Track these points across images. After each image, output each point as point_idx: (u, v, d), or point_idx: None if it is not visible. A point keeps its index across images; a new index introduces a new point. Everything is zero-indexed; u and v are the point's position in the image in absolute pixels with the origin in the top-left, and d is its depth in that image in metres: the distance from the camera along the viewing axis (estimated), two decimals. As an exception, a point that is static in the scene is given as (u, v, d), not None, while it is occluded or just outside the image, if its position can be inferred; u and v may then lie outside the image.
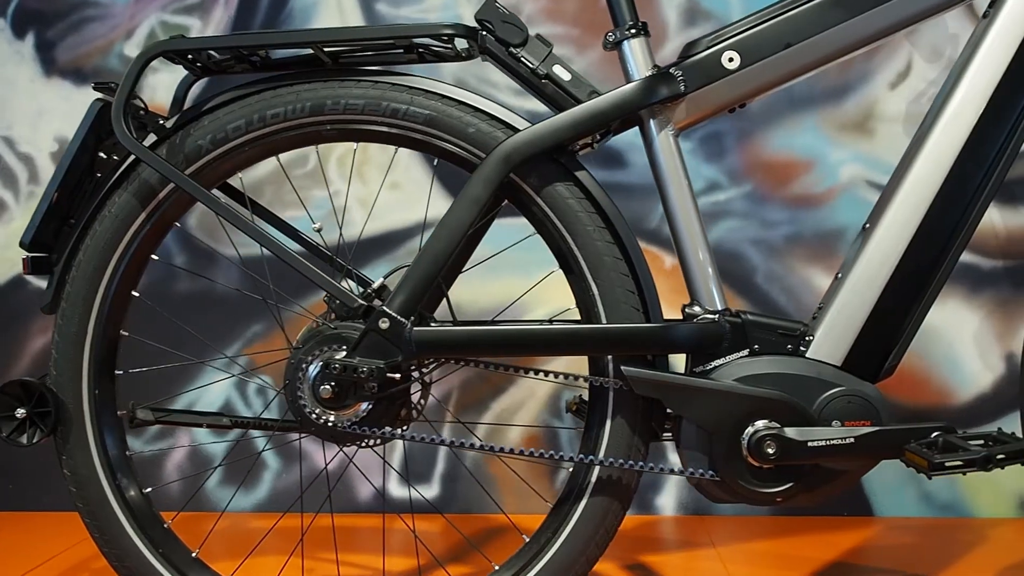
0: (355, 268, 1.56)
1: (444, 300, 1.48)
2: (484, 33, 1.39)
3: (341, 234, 1.87)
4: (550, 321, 1.46)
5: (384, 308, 1.35)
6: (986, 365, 2.25)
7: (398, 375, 1.35)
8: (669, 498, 2.33)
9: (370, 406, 1.37)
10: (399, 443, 1.87)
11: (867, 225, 1.39)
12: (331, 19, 2.29)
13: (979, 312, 2.23)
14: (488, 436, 2.30)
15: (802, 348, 1.37)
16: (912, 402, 2.26)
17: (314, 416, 1.37)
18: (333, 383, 1.34)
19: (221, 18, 2.30)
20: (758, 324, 1.38)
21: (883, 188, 1.42)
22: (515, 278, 2.29)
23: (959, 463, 1.23)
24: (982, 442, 1.27)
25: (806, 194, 2.26)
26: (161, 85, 2.30)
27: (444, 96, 1.39)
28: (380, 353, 1.32)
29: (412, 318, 1.36)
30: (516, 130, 1.33)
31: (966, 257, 2.11)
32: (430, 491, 2.33)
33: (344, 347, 1.32)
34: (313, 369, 1.32)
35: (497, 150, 1.31)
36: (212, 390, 2.30)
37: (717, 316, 1.38)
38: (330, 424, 1.37)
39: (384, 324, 1.35)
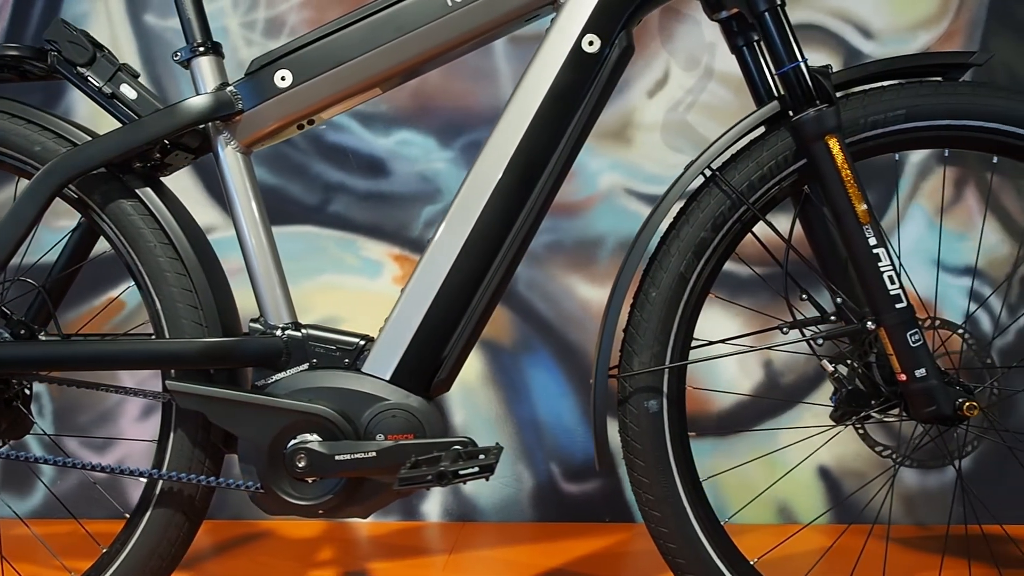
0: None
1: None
2: (54, 53, 1.41)
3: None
4: (124, 336, 1.48)
5: None
6: (744, 372, 2.23)
7: None
8: (434, 504, 2.33)
9: None
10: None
11: (429, 238, 1.40)
12: (101, 30, 2.34)
13: (737, 320, 2.21)
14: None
15: (359, 362, 1.38)
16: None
17: None
18: None
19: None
20: (319, 338, 1.40)
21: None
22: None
23: (419, 477, 1.25)
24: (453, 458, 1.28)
25: (566, 203, 2.27)
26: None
27: (13, 115, 1.42)
28: None
29: None
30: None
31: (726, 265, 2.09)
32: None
33: None
34: None
35: (44, 168, 1.35)
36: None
37: (278, 331, 1.39)
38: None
39: None
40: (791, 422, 2.18)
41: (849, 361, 1.37)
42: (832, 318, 1.37)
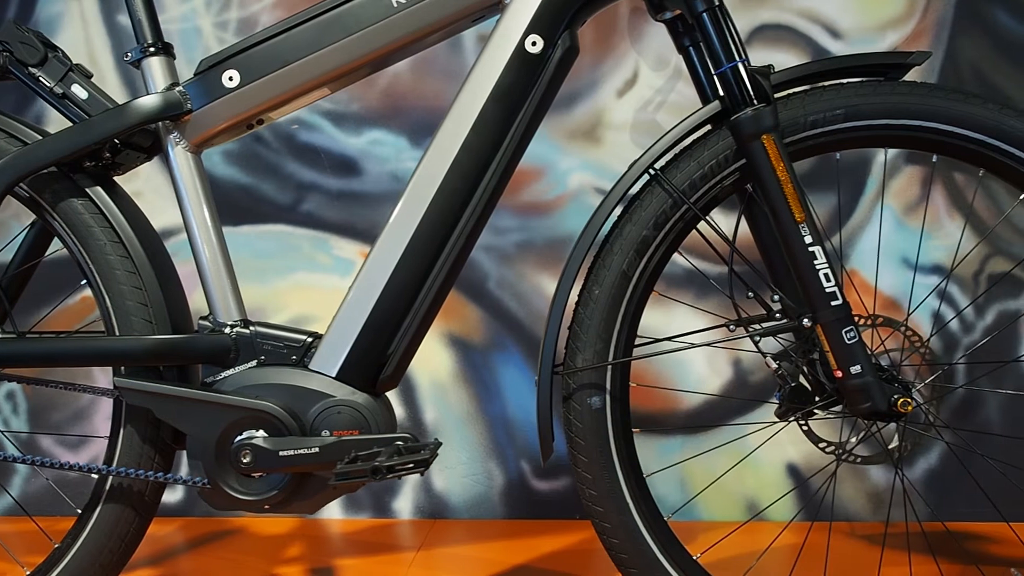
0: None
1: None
2: (6, 53, 1.43)
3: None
4: (77, 333, 1.49)
5: None
6: (713, 370, 2.24)
7: None
8: (406, 502, 2.35)
9: None
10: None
11: (376, 237, 1.41)
12: (75, 30, 2.36)
13: (706, 317, 2.22)
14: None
15: (306, 359, 1.40)
16: (643, 408, 2.26)
17: None
18: None
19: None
20: (267, 335, 1.41)
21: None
22: (255, 284, 2.35)
23: (354, 472, 1.26)
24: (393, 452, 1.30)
25: (536, 201, 2.28)
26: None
27: None
28: None
29: None
30: None
31: (700, 263, 2.10)
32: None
33: None
34: None
35: None
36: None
37: (227, 328, 1.41)
38: None
39: None
40: (760, 419, 2.19)
41: (793, 358, 1.38)
42: (778, 316, 1.38)
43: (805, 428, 1.41)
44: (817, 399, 1.37)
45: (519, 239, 2.29)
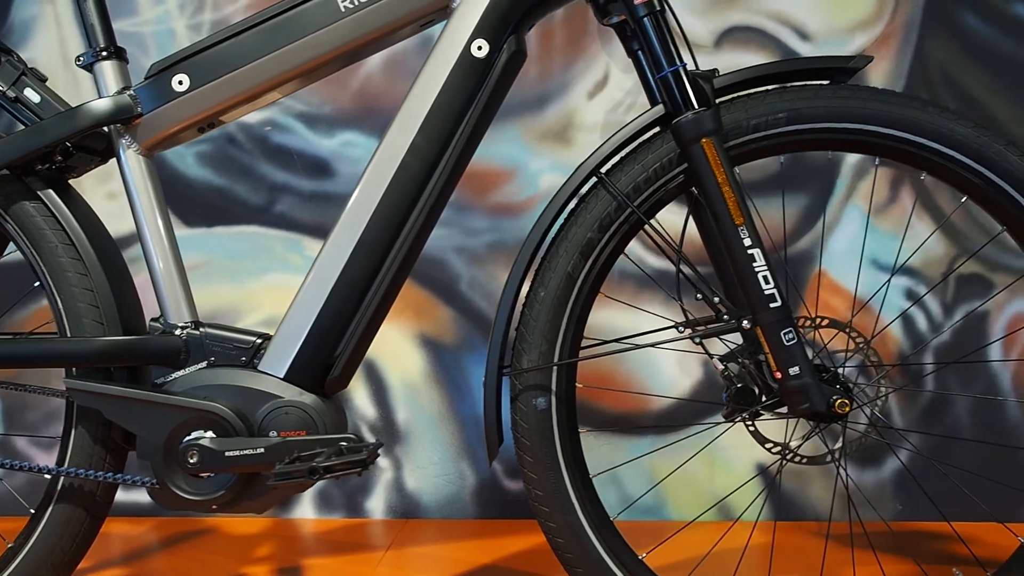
0: None
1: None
2: (-41, 59, 1.44)
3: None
4: (29, 335, 1.51)
5: None
6: (684, 371, 2.25)
7: None
8: (378, 502, 2.36)
9: None
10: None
11: (324, 239, 1.42)
12: (49, 33, 2.38)
13: (677, 318, 2.23)
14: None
15: (256, 360, 1.41)
16: (616, 409, 2.27)
17: None
18: None
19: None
20: (217, 337, 1.43)
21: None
22: (228, 285, 2.37)
23: (292, 472, 1.28)
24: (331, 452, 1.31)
25: (508, 203, 2.29)
26: None
27: None
28: None
29: None
30: None
31: (663, 264, 2.11)
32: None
33: None
34: None
35: None
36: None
37: (178, 330, 1.42)
38: None
39: None
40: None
41: (739, 360, 1.39)
42: (726, 318, 1.39)
43: (752, 429, 1.41)
44: (764, 400, 1.37)
45: (490, 240, 2.31)
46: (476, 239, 2.31)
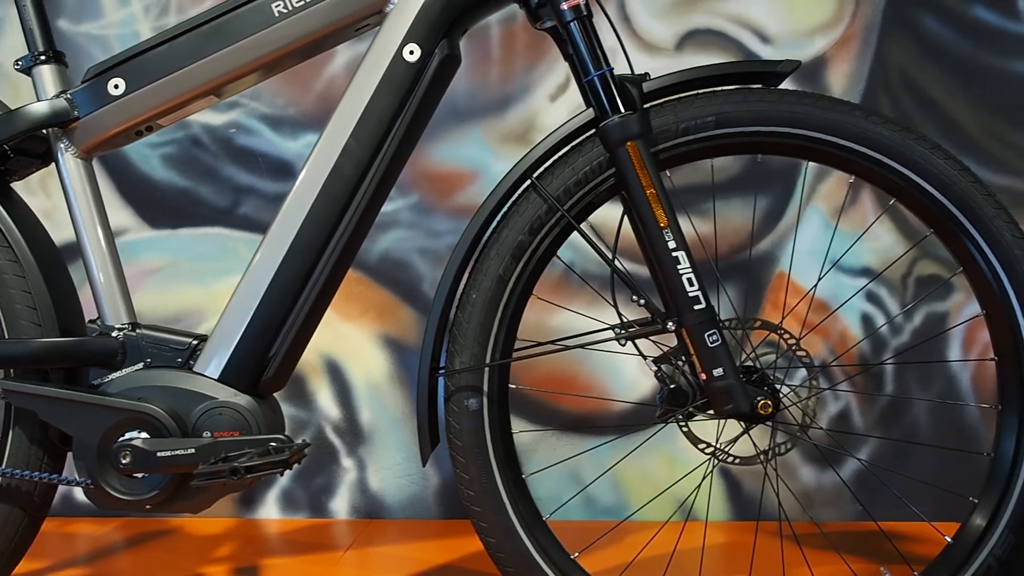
0: None
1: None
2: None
3: None
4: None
5: None
6: (645, 373, 2.26)
7: None
8: (342, 502, 2.37)
9: None
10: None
11: (259, 242, 1.44)
12: (18, 35, 2.38)
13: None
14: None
15: (191, 361, 1.43)
16: (576, 410, 2.28)
17: None
18: None
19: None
20: (153, 338, 1.44)
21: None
22: (193, 287, 2.38)
23: (215, 472, 1.29)
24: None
25: (471, 204, 2.30)
26: None
27: None
28: None
29: None
30: None
31: (628, 266, 2.13)
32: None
33: None
34: None
35: None
36: None
37: (115, 331, 1.43)
38: None
39: None
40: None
41: (671, 361, 1.40)
42: (659, 320, 1.39)
43: (685, 430, 1.42)
44: (697, 401, 1.38)
45: (453, 241, 2.28)
46: (439, 241, 2.32)
